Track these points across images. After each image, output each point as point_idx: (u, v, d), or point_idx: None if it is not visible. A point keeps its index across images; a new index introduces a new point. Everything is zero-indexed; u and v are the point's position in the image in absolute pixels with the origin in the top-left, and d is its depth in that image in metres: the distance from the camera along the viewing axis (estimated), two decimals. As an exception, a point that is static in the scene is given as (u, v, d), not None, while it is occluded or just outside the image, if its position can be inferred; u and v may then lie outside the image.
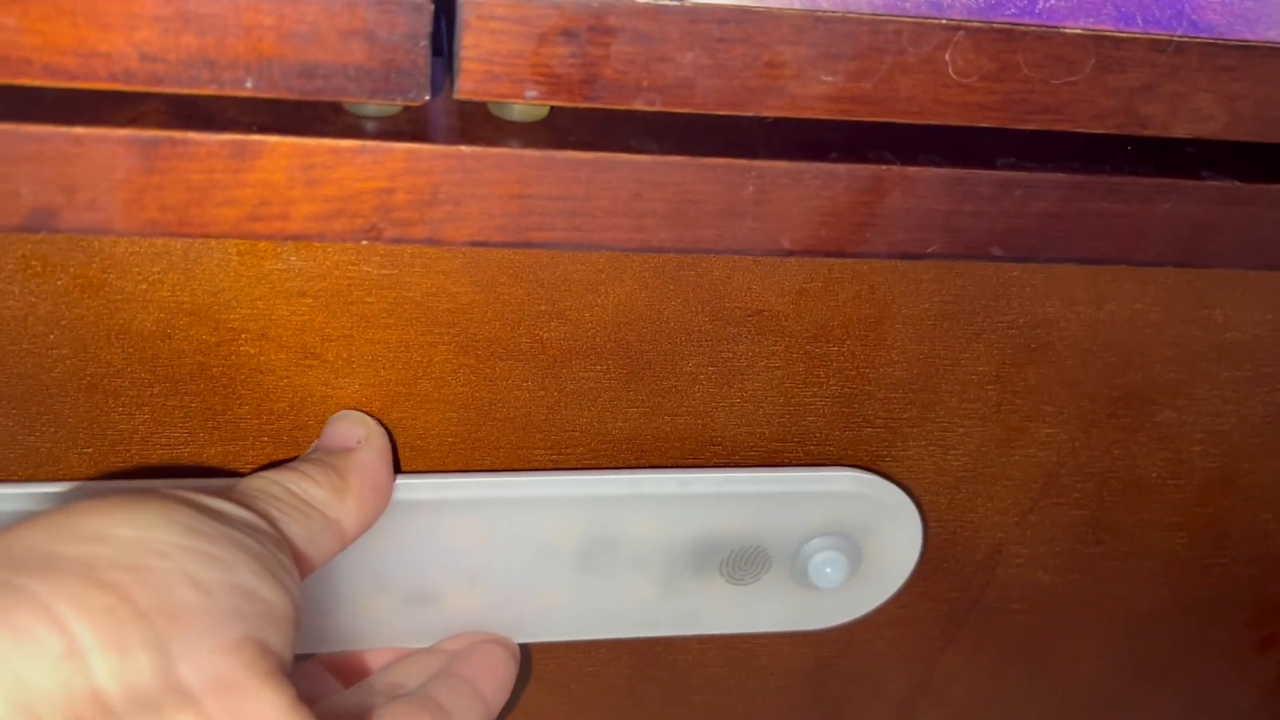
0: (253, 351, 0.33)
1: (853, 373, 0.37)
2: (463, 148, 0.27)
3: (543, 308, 0.34)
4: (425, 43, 0.26)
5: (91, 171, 0.26)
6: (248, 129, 0.27)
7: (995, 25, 0.28)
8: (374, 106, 0.28)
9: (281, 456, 0.35)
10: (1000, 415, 0.39)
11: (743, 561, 0.39)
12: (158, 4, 0.25)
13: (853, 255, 0.30)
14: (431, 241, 0.28)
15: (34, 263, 0.31)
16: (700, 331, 0.35)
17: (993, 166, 0.30)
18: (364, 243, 0.29)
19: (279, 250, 0.32)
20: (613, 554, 0.37)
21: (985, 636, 0.46)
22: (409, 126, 0.28)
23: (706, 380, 0.36)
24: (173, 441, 0.34)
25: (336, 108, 0.28)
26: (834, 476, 0.38)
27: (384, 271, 0.32)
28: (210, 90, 0.26)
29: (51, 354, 0.32)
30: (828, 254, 0.30)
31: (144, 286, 0.31)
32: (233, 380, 0.34)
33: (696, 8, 0.26)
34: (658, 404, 0.37)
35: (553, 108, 0.29)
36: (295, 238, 0.28)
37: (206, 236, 0.28)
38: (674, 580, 0.39)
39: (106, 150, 0.26)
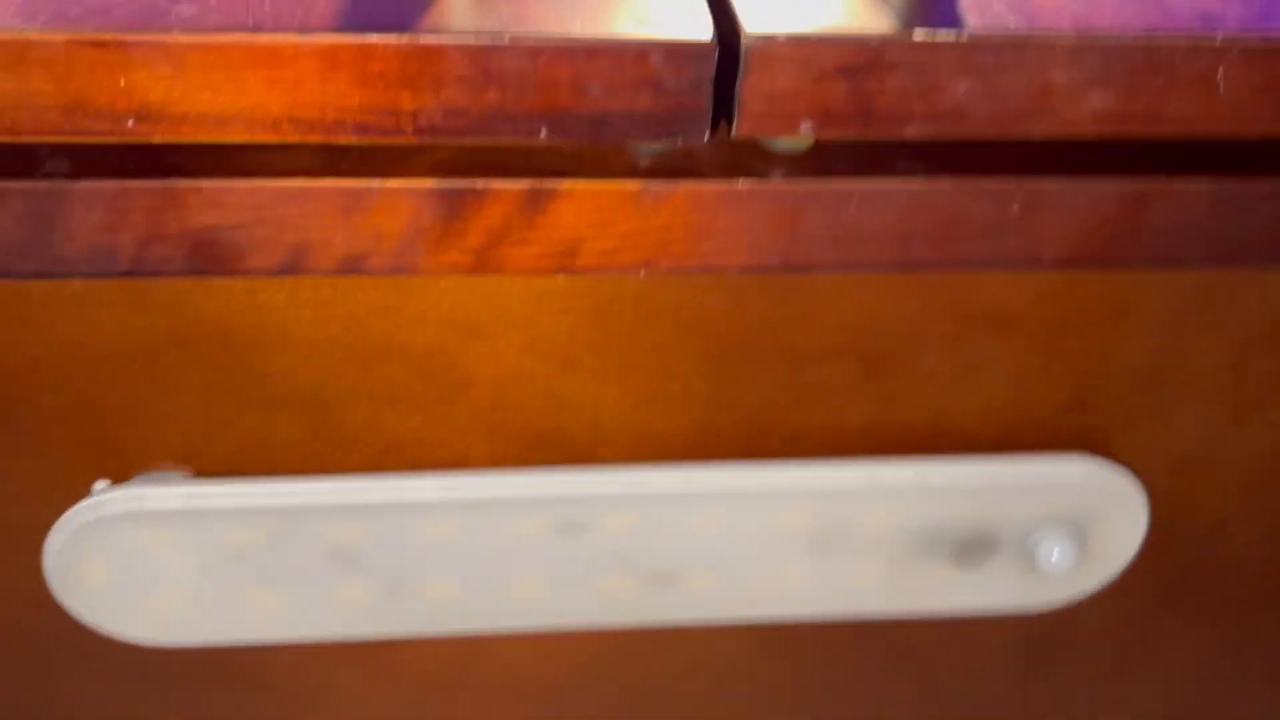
0: (517, 361, 0.35)
1: (1087, 365, 0.38)
2: (738, 183, 0.29)
3: (786, 313, 0.35)
4: (709, 87, 0.27)
5: (399, 221, 0.28)
6: (541, 175, 0.28)
7: (1269, 41, 0.28)
8: (653, 146, 0.29)
9: (541, 457, 0.37)
10: (1232, 400, 0.39)
11: (972, 546, 0.40)
12: (463, 65, 0.26)
13: (1112, 266, 0.31)
14: (704, 269, 0.30)
15: (325, 290, 0.33)
16: (938, 330, 0.36)
17: (1257, 176, 0.30)
18: (641, 273, 0.30)
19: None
20: (845, 539, 0.39)
21: (1200, 609, 0.46)
22: (685, 162, 0.29)
23: (942, 375, 0.37)
24: (442, 443, 0.37)
25: (618, 149, 0.29)
26: (1063, 464, 0.39)
27: (640, 289, 0.34)
28: (506, 140, 0.27)
29: (338, 370, 0.35)
30: (1088, 265, 0.31)
31: (423, 309, 0.34)
32: (500, 388, 0.36)
33: (973, 39, 0.27)
34: (893, 398, 0.38)
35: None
36: (582, 272, 0.29)
37: (500, 274, 0.30)
38: (903, 563, 0.40)
39: (413, 201, 0.28)
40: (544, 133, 0.27)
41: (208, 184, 0.27)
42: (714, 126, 0.30)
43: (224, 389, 0.35)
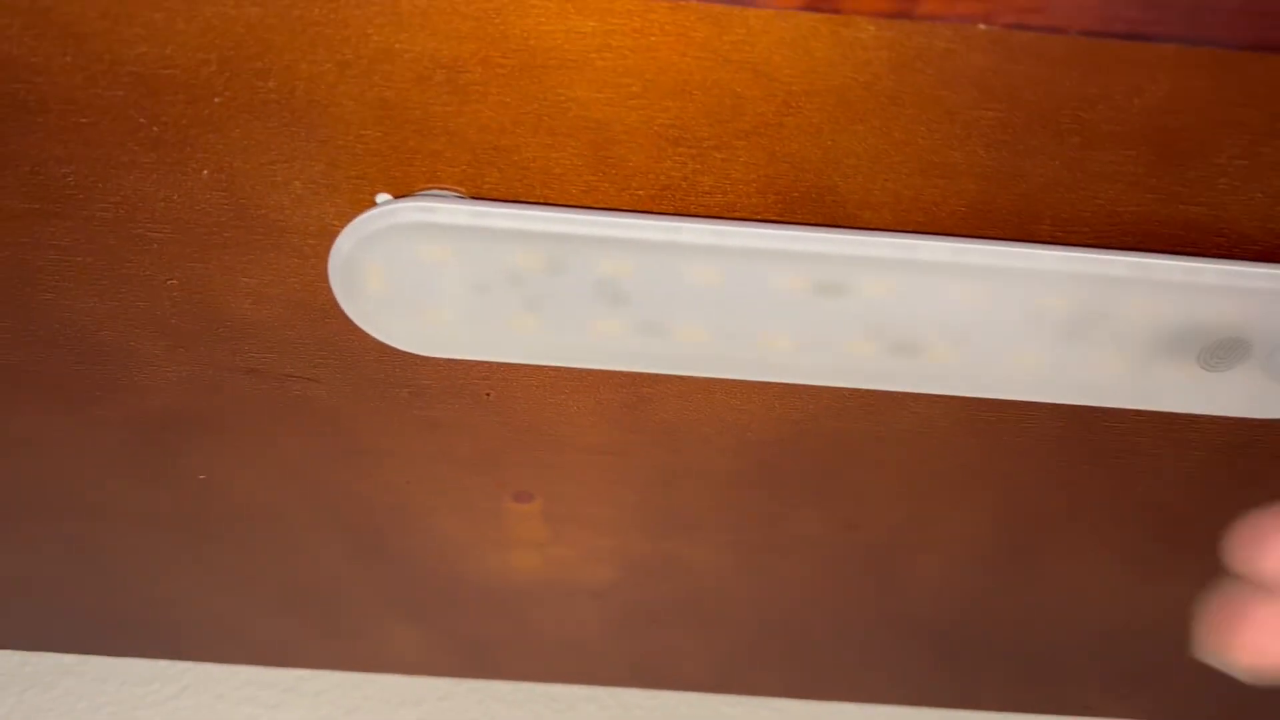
0: (805, 111, 0.35)
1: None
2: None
3: (1091, 89, 0.34)
4: None
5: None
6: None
7: None
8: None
9: (807, 215, 0.38)
10: None
11: (1222, 350, 0.40)
12: None
13: None
14: (1045, 28, 0.29)
15: (636, 19, 0.33)
16: (1245, 125, 0.35)
17: None
18: (980, 26, 0.29)
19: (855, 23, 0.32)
20: (1099, 328, 0.39)
21: None
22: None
23: (1233, 173, 0.36)
24: (714, 189, 0.37)
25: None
26: None
27: (950, 46, 0.33)
28: None
29: (631, 104, 0.35)
30: None
31: (727, 48, 0.33)
32: (783, 137, 0.36)
33: None
34: (1176, 191, 0.37)
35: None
36: (920, 19, 0.29)
37: (835, 13, 0.29)
38: (1150, 358, 0.40)
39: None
40: None
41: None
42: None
43: (519, 112, 0.35)
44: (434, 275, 0.38)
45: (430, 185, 0.38)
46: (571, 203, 0.38)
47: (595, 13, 0.32)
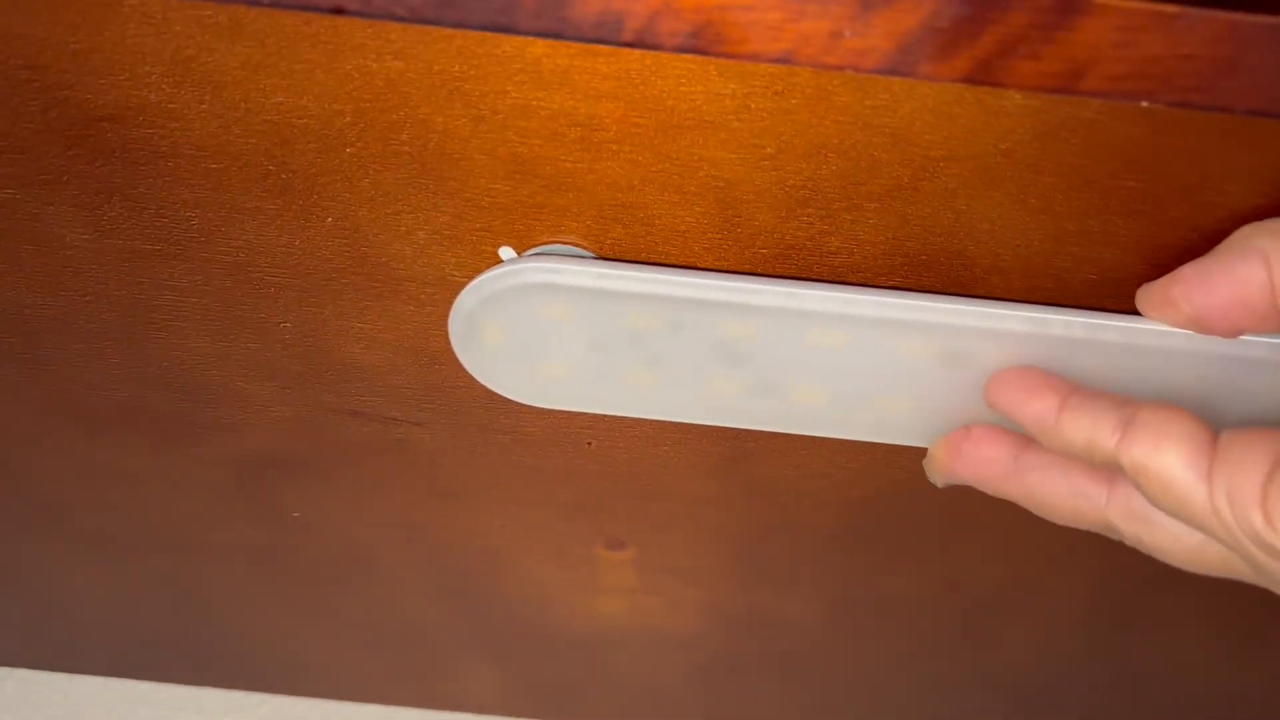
0: (940, 176, 0.34)
1: None
2: (1286, 18, 0.27)
3: (1237, 165, 0.33)
4: (1287, -92, 0.25)
5: (915, 17, 0.27)
6: (1074, -13, 0.27)
7: None
8: (1193, -34, 0.27)
9: (934, 279, 0.37)
10: None
11: None
12: None
13: None
14: (1211, 107, 0.28)
15: (778, 83, 0.32)
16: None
17: None
18: (1143, 104, 0.29)
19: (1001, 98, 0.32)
20: (1234, 414, 0.38)
21: None
22: (1224, -10, 0.27)
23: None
24: (840, 250, 0.37)
25: (1154, -33, 0.27)
26: None
27: (1096, 116, 0.32)
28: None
29: (762, 165, 0.35)
30: None
31: (866, 111, 0.33)
32: (916, 201, 0.35)
33: None
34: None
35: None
36: (1084, 94, 0.28)
37: (996, 86, 0.28)
38: None
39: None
40: (1090, -59, 0.26)
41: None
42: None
43: (649, 170, 0.35)
44: (553, 331, 0.37)
45: (554, 239, 0.38)
46: (694, 260, 0.38)
47: (737, 76, 0.32)
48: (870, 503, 0.48)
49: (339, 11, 0.28)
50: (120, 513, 0.53)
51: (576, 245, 0.38)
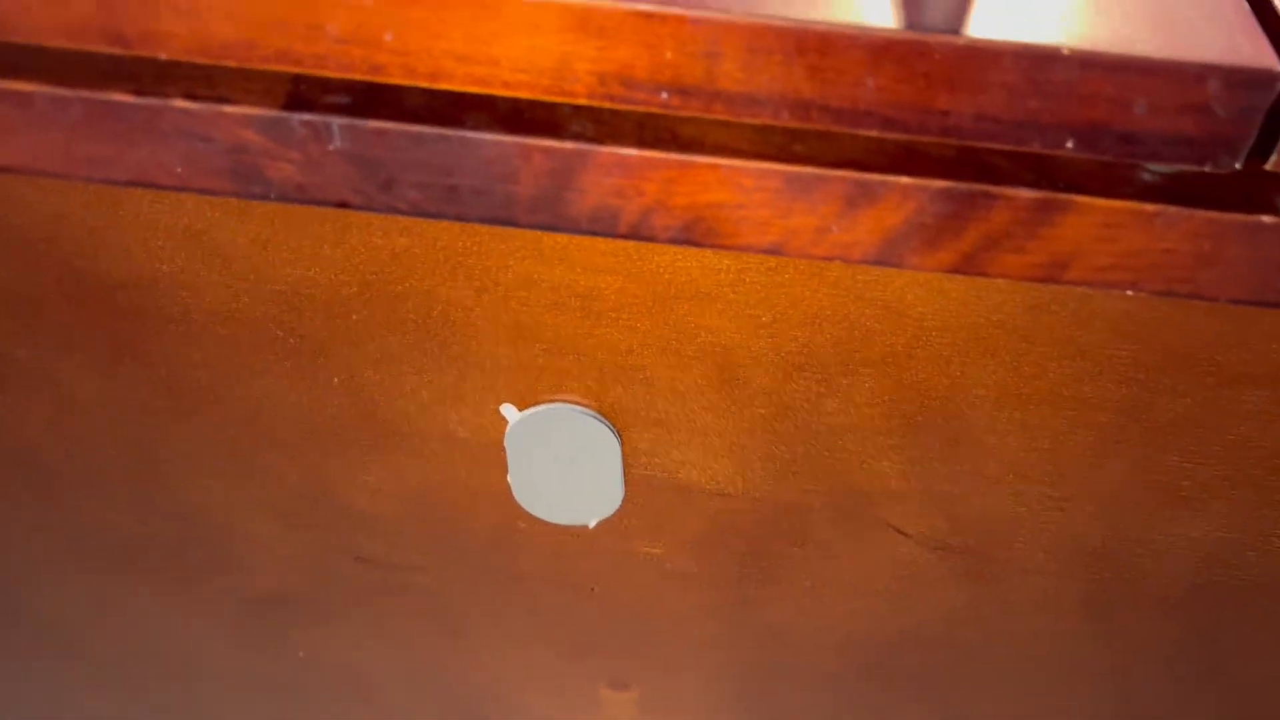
0: (926, 348, 0.35)
1: None
2: (1263, 218, 0.27)
3: (1226, 336, 0.34)
4: (1259, 117, 0.26)
5: (899, 215, 0.28)
6: (1055, 187, 0.27)
7: None
8: (1167, 168, 0.28)
9: (934, 451, 0.37)
10: None
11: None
12: (1013, 72, 0.25)
13: None
14: (1195, 296, 0.29)
15: (770, 261, 0.33)
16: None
17: None
18: (1128, 292, 0.29)
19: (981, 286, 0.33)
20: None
21: None
22: (1198, 190, 0.28)
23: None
24: (838, 412, 0.37)
25: (1132, 167, 0.28)
26: None
27: (1079, 303, 0.33)
28: (1034, 149, 0.27)
29: (755, 334, 0.35)
30: None
31: (860, 284, 0.33)
32: (902, 375, 0.36)
33: None
34: (1314, 429, 0.36)
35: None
36: (1067, 284, 0.29)
37: (982, 276, 0.29)
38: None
39: (921, 197, 0.28)
40: (1070, 144, 0.26)
41: (725, 163, 0.27)
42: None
43: (647, 335, 0.36)
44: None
45: (555, 397, 0.38)
46: (693, 418, 0.38)
47: (731, 253, 0.33)
48: (877, 646, 0.48)
49: (344, 206, 0.29)
50: (127, 645, 0.54)
51: (578, 403, 0.38)
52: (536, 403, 0.38)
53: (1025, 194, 0.27)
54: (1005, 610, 0.45)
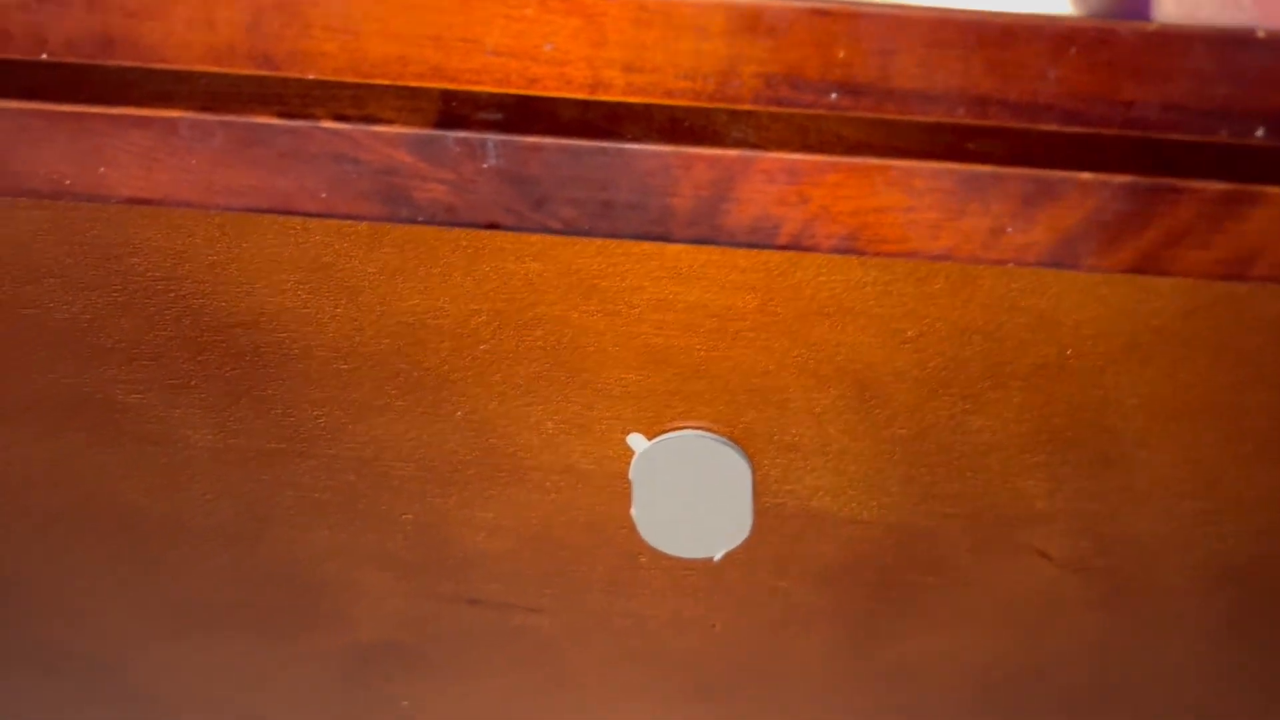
0: (1085, 355, 0.34)
1: None
2: None
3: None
4: None
5: (1079, 213, 0.27)
6: (1244, 178, 0.26)
7: None
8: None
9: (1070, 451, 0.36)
10: None
11: None
12: (1203, 57, 0.24)
13: None
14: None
15: (900, 267, 0.32)
16: None
17: None
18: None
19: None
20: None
21: None
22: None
23: None
24: (984, 429, 0.36)
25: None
26: None
27: (1242, 297, 0.32)
28: (1221, 139, 0.25)
29: (886, 349, 0.34)
30: None
31: (1014, 292, 0.32)
32: (1042, 376, 0.34)
33: None
34: None
35: None
36: (1254, 280, 0.27)
37: (1163, 275, 0.28)
38: None
39: (1102, 194, 0.26)
40: (1260, 133, 0.25)
41: (897, 164, 0.26)
42: None
43: (784, 355, 0.34)
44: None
45: (685, 424, 0.37)
46: (829, 442, 0.37)
47: (880, 264, 0.32)
48: (1001, 685, 0.46)
49: (494, 227, 0.28)
50: (225, 708, 0.52)
51: (708, 430, 0.37)
52: (665, 430, 0.37)
53: (1213, 186, 0.26)
54: (1147, 634, 0.43)
